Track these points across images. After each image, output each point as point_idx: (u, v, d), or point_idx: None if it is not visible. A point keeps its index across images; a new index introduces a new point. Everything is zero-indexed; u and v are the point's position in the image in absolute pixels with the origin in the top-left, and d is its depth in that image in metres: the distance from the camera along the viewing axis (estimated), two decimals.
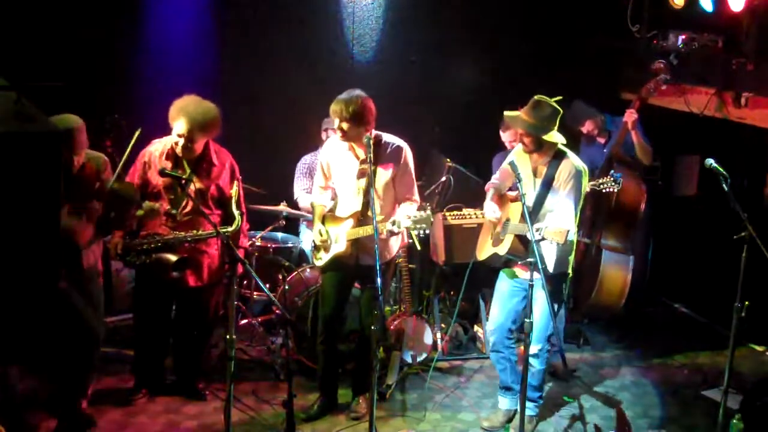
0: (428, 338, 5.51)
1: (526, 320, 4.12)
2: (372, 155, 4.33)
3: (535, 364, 4.64)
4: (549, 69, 6.74)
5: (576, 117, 5.91)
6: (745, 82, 5.62)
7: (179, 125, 4.50)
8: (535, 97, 4.47)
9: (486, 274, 4.96)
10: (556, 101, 4.43)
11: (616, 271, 5.75)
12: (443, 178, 5.92)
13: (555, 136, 4.43)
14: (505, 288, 4.74)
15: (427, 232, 4.40)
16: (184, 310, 4.86)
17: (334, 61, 6.71)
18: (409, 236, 5.45)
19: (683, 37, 6.00)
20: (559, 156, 4.50)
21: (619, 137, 5.81)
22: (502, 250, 4.59)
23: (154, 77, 5.90)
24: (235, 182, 4.60)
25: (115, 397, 4.93)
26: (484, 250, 4.82)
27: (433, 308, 5.92)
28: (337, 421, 4.82)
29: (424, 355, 5.51)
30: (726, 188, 4.19)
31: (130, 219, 4.47)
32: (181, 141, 4.52)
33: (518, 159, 4.61)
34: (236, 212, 4.42)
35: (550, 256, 4.46)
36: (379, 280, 3.90)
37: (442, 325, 5.83)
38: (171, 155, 4.60)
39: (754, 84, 5.56)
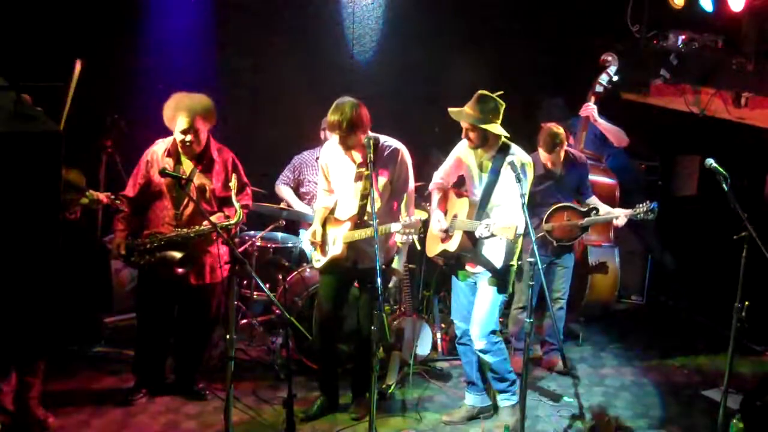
0: (428, 338, 5.51)
1: (527, 320, 4.12)
2: (372, 155, 4.32)
3: (487, 358, 4.64)
4: (549, 69, 6.75)
5: (550, 113, 5.93)
6: (745, 82, 5.62)
7: (180, 122, 4.50)
8: (479, 91, 4.46)
9: None
10: (498, 95, 4.41)
11: (604, 266, 5.78)
12: None
13: (498, 129, 4.42)
14: (459, 284, 4.75)
15: (414, 237, 4.39)
16: (186, 309, 4.85)
17: (334, 61, 6.71)
18: None
19: (683, 37, 6.01)
20: (504, 149, 4.49)
21: (580, 134, 5.86)
22: (452, 246, 4.59)
23: (154, 77, 5.90)
24: (234, 175, 4.59)
25: (115, 397, 4.93)
26: (433, 247, 4.81)
27: (433, 308, 5.92)
28: (337, 421, 4.82)
29: (424, 355, 5.51)
30: (726, 188, 4.19)
31: (74, 205, 4.44)
32: (188, 137, 4.52)
33: (464, 154, 4.62)
34: (237, 204, 4.43)
35: (498, 252, 4.47)
36: (379, 280, 3.89)
37: (442, 325, 5.83)
38: (173, 153, 4.62)
39: (754, 84, 5.57)
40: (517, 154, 4.48)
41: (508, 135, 4.48)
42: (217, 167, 4.69)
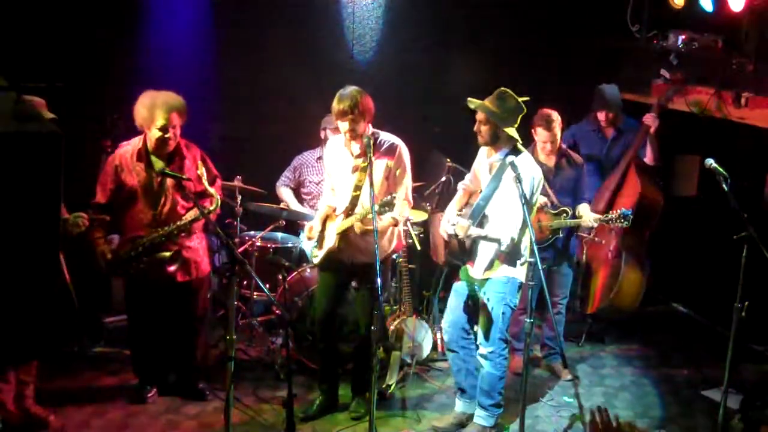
0: (428, 338, 5.51)
1: (527, 320, 4.11)
2: (372, 154, 4.32)
3: (486, 366, 4.54)
4: (549, 69, 6.74)
5: (607, 102, 5.90)
6: (745, 82, 5.62)
7: (159, 119, 4.46)
8: (501, 88, 4.41)
9: None
10: (523, 100, 4.36)
11: (636, 274, 5.79)
12: (443, 178, 5.92)
13: (512, 132, 4.36)
14: (457, 286, 4.72)
15: (392, 214, 4.36)
16: (175, 307, 4.81)
17: (334, 61, 6.71)
18: (409, 236, 5.46)
19: (683, 37, 6.00)
20: (513, 154, 4.40)
21: (638, 141, 5.82)
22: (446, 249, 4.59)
23: (154, 77, 5.88)
24: (199, 162, 4.56)
25: (115, 397, 4.94)
26: (439, 251, 4.81)
27: (433, 308, 5.92)
28: (337, 421, 4.82)
29: (424, 355, 5.51)
30: (726, 188, 4.18)
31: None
32: (167, 133, 4.49)
33: (479, 158, 4.61)
34: (212, 189, 4.43)
35: (484, 256, 4.45)
36: (378, 280, 3.89)
37: (442, 326, 5.82)
38: (143, 155, 4.58)
39: (754, 84, 5.56)
40: (526, 161, 4.38)
41: (518, 140, 4.42)
42: (188, 163, 4.66)
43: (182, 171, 4.59)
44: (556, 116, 5.18)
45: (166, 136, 4.50)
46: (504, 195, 4.38)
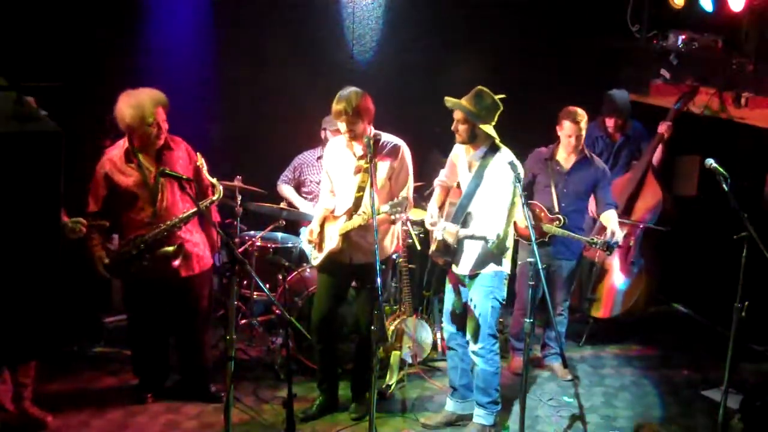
0: (428, 338, 5.51)
1: (527, 320, 4.11)
2: (372, 154, 4.33)
3: (478, 363, 4.55)
4: (549, 69, 6.74)
5: (618, 108, 5.90)
6: (745, 82, 5.63)
7: (149, 116, 4.45)
8: (478, 87, 4.41)
9: None
10: (499, 97, 4.36)
11: (651, 279, 5.81)
12: None
13: (489, 130, 4.36)
14: (451, 283, 4.71)
15: (404, 216, 4.38)
16: (180, 304, 4.79)
17: (334, 61, 6.71)
18: (409, 236, 5.47)
19: (683, 37, 6.01)
20: (493, 150, 4.41)
21: (652, 148, 5.82)
22: (433, 247, 4.60)
23: (154, 77, 5.87)
24: (198, 154, 4.59)
25: (115, 397, 4.94)
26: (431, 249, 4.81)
27: (433, 308, 5.92)
28: (337, 421, 4.82)
29: (425, 355, 5.51)
30: (726, 188, 4.18)
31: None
32: (157, 129, 4.48)
33: (457, 153, 4.60)
34: (212, 179, 4.43)
35: (470, 254, 4.46)
36: (379, 280, 3.89)
37: (442, 326, 5.82)
38: (131, 155, 4.56)
39: (754, 84, 5.57)
40: (506, 157, 4.37)
41: (496, 137, 4.41)
42: (177, 154, 4.65)
43: (173, 163, 4.57)
44: (582, 112, 5.18)
45: (156, 131, 4.50)
46: (486, 192, 4.39)
